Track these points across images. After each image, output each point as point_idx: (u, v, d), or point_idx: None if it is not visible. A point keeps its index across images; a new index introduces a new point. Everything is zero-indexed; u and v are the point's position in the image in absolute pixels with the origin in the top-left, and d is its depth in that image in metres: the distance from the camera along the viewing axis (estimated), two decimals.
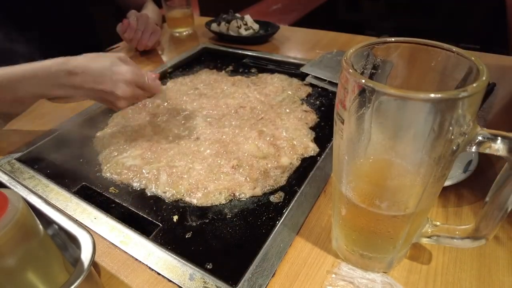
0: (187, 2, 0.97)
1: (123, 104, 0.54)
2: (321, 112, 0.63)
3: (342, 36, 0.93)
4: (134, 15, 0.86)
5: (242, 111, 0.63)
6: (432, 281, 0.33)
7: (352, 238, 0.33)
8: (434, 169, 0.25)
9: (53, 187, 0.47)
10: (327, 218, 0.41)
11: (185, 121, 0.61)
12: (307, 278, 0.34)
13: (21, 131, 0.61)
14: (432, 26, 1.96)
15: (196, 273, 0.35)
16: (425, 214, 0.31)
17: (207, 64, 0.85)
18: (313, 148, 0.53)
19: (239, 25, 0.92)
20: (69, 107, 0.67)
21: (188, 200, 0.45)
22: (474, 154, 0.43)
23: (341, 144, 0.28)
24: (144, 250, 0.38)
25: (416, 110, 0.23)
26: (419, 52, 0.27)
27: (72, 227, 0.34)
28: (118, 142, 0.57)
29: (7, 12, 0.78)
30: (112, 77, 0.52)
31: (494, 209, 0.27)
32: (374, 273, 0.34)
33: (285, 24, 1.40)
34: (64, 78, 0.51)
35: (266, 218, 0.42)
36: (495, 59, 0.74)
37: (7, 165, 0.51)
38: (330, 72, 0.71)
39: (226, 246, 0.39)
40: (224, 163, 0.50)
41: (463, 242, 0.31)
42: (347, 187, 0.30)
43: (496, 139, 0.24)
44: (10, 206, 0.26)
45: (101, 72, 0.52)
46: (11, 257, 0.26)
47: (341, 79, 0.25)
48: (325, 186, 0.45)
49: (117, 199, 0.46)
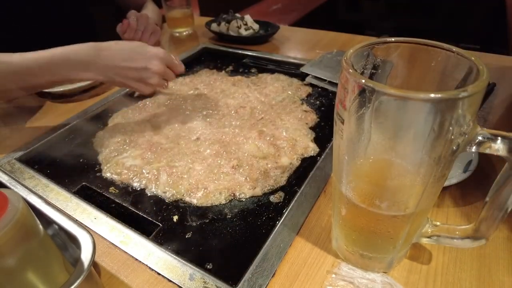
0: (187, 2, 0.97)
1: (155, 81, 0.57)
2: (321, 112, 0.63)
3: (342, 36, 0.93)
4: (134, 15, 0.86)
5: (242, 111, 0.63)
6: (432, 281, 0.33)
7: (352, 238, 0.33)
8: (434, 169, 0.25)
9: (53, 187, 0.47)
10: (327, 218, 0.41)
11: (185, 121, 0.61)
12: (307, 278, 0.34)
13: (21, 131, 0.61)
14: (432, 26, 1.97)
15: (196, 273, 0.35)
16: (425, 214, 0.31)
17: (207, 64, 0.85)
18: (313, 148, 0.53)
19: (239, 25, 0.92)
20: (69, 107, 0.67)
21: (188, 200, 0.45)
22: (474, 154, 0.43)
23: (341, 144, 0.28)
24: (144, 250, 0.38)
25: (416, 110, 0.23)
26: (419, 52, 0.27)
27: (72, 227, 0.34)
28: (118, 142, 0.57)
29: (7, 12, 0.78)
30: (146, 54, 0.56)
31: (494, 209, 0.27)
32: (374, 273, 0.34)
33: (285, 24, 1.40)
34: (96, 58, 0.53)
35: (266, 218, 0.42)
36: (495, 59, 0.74)
37: (7, 165, 0.51)
38: (330, 72, 0.71)
39: (226, 246, 0.39)
40: (224, 163, 0.50)
41: (463, 242, 0.31)
42: (347, 187, 0.30)
43: (496, 139, 0.24)
44: (10, 206, 0.26)
45: (133, 50, 0.55)
46: (11, 257, 0.26)
47: (341, 79, 0.25)
48: (325, 186, 0.45)
49: (117, 199, 0.46)
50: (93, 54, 0.53)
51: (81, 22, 0.96)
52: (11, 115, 0.66)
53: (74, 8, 0.92)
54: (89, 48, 0.54)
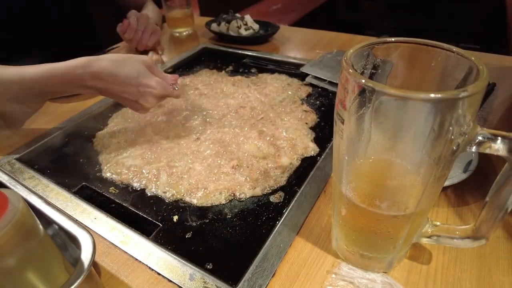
0: (187, 2, 0.97)
1: (146, 112, 0.56)
2: (321, 112, 0.63)
3: (342, 36, 0.93)
4: (134, 15, 0.86)
5: (242, 111, 0.63)
6: (432, 281, 0.33)
7: (352, 238, 0.33)
8: (434, 169, 0.25)
9: (53, 187, 0.47)
10: (327, 218, 0.41)
11: (185, 121, 0.61)
12: (307, 278, 0.34)
13: (21, 131, 0.61)
14: (432, 26, 1.96)
15: (196, 273, 0.35)
16: (425, 214, 0.31)
17: (207, 64, 0.85)
18: (313, 148, 0.53)
19: (239, 25, 0.92)
20: (69, 107, 0.67)
21: (188, 200, 0.45)
22: (474, 154, 0.43)
23: (341, 144, 0.28)
24: (144, 250, 0.38)
25: (416, 110, 0.23)
26: (419, 52, 0.27)
27: (72, 227, 0.34)
28: (118, 142, 0.57)
29: (7, 12, 0.78)
30: (139, 88, 0.52)
31: (494, 209, 0.27)
32: (374, 273, 0.34)
33: (285, 24, 1.40)
34: (90, 81, 0.51)
35: (266, 218, 0.42)
36: (495, 59, 0.74)
37: (7, 165, 0.51)
38: (330, 72, 0.71)
39: (226, 246, 0.39)
40: (224, 163, 0.50)
41: (463, 242, 0.31)
42: (347, 187, 0.30)
43: (496, 139, 0.24)
44: (10, 206, 0.26)
45: (128, 81, 0.51)
46: (11, 257, 0.26)
47: (341, 79, 0.25)
48: (325, 186, 0.45)
49: (117, 199, 0.46)
50: (87, 78, 0.50)
51: (81, 22, 0.96)
52: None
53: (74, 8, 0.92)
54: (82, 69, 0.50)
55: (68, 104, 0.68)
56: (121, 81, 0.51)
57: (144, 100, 0.52)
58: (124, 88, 0.51)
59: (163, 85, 0.53)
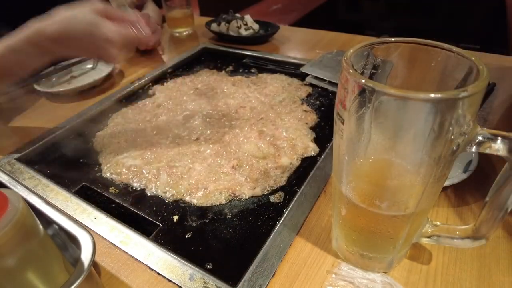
0: (187, 2, 0.97)
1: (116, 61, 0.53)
2: (321, 112, 0.63)
3: (342, 36, 0.93)
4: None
5: (242, 111, 0.63)
6: (432, 281, 0.33)
7: (352, 238, 0.33)
8: (434, 169, 0.25)
9: (53, 187, 0.47)
10: (327, 218, 0.41)
11: (185, 121, 0.61)
12: (307, 278, 0.34)
13: (21, 131, 0.61)
14: (432, 26, 1.96)
15: (196, 273, 0.35)
16: (425, 214, 0.31)
17: (207, 64, 0.85)
18: (313, 148, 0.53)
19: (239, 25, 0.92)
20: (69, 107, 0.67)
21: (188, 200, 0.45)
22: (474, 154, 0.43)
23: (341, 144, 0.28)
24: (144, 250, 0.38)
25: (416, 110, 0.23)
26: (419, 52, 0.27)
27: (72, 227, 0.34)
28: (118, 142, 0.57)
29: (7, 12, 0.78)
30: (96, 42, 0.47)
31: (494, 209, 0.27)
32: (374, 273, 0.34)
33: (285, 24, 1.40)
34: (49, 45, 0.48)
35: (266, 218, 0.42)
36: (495, 59, 0.74)
37: (7, 165, 0.51)
38: (330, 72, 0.71)
39: (226, 246, 0.39)
40: (224, 163, 0.50)
41: (463, 242, 0.31)
42: (347, 187, 0.30)
43: (496, 139, 0.24)
44: (10, 206, 0.26)
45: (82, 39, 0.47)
46: (11, 257, 0.26)
47: (341, 79, 0.25)
48: (325, 186, 0.45)
49: (117, 199, 0.46)
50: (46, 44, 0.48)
51: None
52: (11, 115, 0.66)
53: None
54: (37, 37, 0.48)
55: (68, 104, 0.68)
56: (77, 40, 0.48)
57: (105, 53, 0.48)
58: (83, 46, 0.48)
59: (121, 32, 0.48)
